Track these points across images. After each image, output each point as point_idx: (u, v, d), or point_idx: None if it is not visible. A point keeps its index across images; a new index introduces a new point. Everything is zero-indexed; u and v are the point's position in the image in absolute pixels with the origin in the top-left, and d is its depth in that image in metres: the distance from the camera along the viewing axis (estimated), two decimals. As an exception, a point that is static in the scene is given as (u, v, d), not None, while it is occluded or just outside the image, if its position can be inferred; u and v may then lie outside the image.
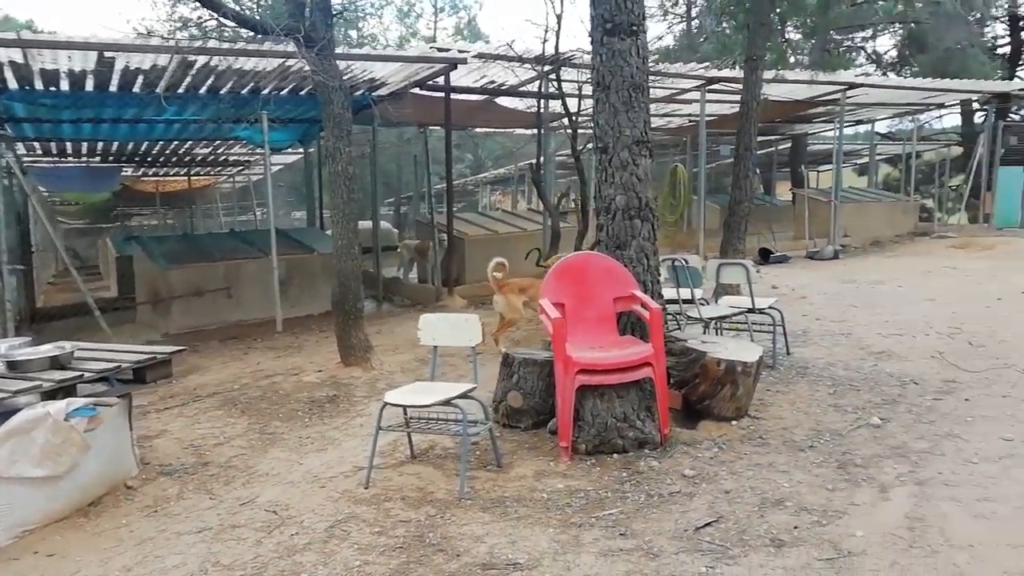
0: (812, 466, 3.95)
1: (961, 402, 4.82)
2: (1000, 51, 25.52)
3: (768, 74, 10.59)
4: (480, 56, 8.45)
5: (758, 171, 25.49)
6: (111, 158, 14.96)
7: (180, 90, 8.57)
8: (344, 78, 8.50)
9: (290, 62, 7.22)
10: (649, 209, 4.86)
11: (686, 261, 5.57)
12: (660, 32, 24.76)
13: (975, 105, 22.05)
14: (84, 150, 13.69)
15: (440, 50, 8.15)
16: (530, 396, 4.68)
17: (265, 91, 9.07)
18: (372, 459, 4.07)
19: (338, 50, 6.42)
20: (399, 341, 7.72)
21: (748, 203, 8.51)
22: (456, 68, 8.46)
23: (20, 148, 13.06)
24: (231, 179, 21.82)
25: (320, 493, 3.96)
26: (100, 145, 13.24)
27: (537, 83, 9.78)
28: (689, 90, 12.21)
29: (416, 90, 9.70)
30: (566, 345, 4.20)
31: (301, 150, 14.64)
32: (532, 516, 3.53)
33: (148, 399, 6.10)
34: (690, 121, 16.38)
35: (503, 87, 10.48)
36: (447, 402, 3.92)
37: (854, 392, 5.11)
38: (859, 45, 25.22)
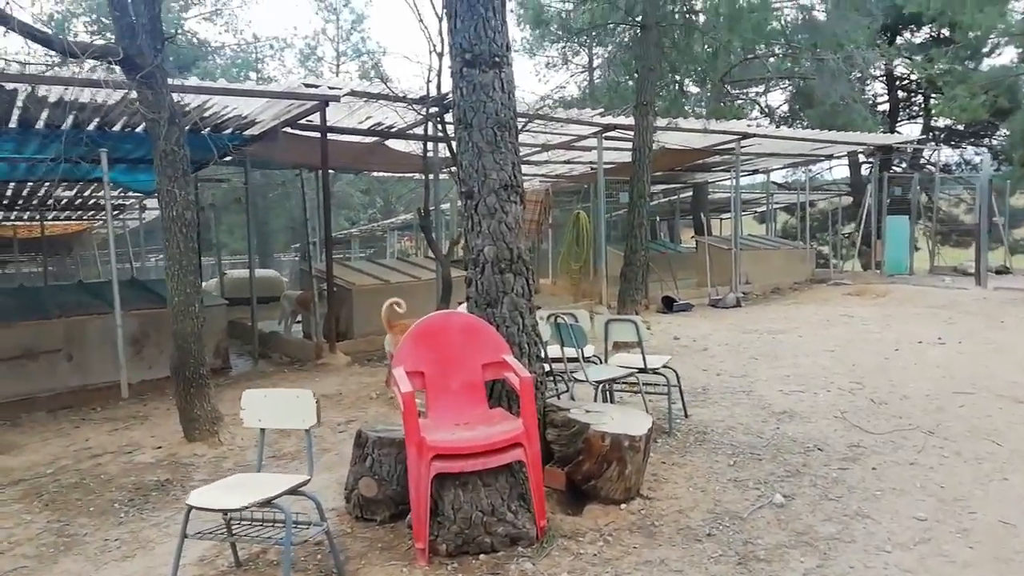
0: (709, 562, 3.37)
1: (868, 472, 4.38)
2: (880, 108, 27.09)
3: (662, 122, 10.45)
4: (355, 94, 7.82)
5: (658, 219, 25.89)
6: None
7: (12, 124, 7.53)
8: (206, 114, 7.71)
9: (134, 94, 6.36)
10: (522, 261, 4.28)
11: (574, 318, 5.01)
12: (562, 81, 24.96)
13: (861, 157, 23.17)
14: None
15: (309, 86, 7.46)
16: (387, 483, 3.93)
17: (117, 127, 8.13)
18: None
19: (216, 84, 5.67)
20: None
21: (644, 252, 8.15)
22: (328, 105, 7.78)
23: None
24: (118, 223, 20.22)
25: (98, 628, 3.08)
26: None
27: (423, 126, 9.22)
28: (587, 136, 11.96)
29: (293, 130, 8.96)
30: (421, 424, 3.51)
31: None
32: (364, 653, 2.77)
33: (-68, 491, 5.00)
34: (591, 168, 16.24)
35: (392, 129, 9.88)
36: (267, 503, 3.14)
37: (756, 462, 4.61)
38: (752, 99, 26.21)
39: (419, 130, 9.52)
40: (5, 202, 14.25)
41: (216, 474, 5.04)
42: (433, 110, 8.27)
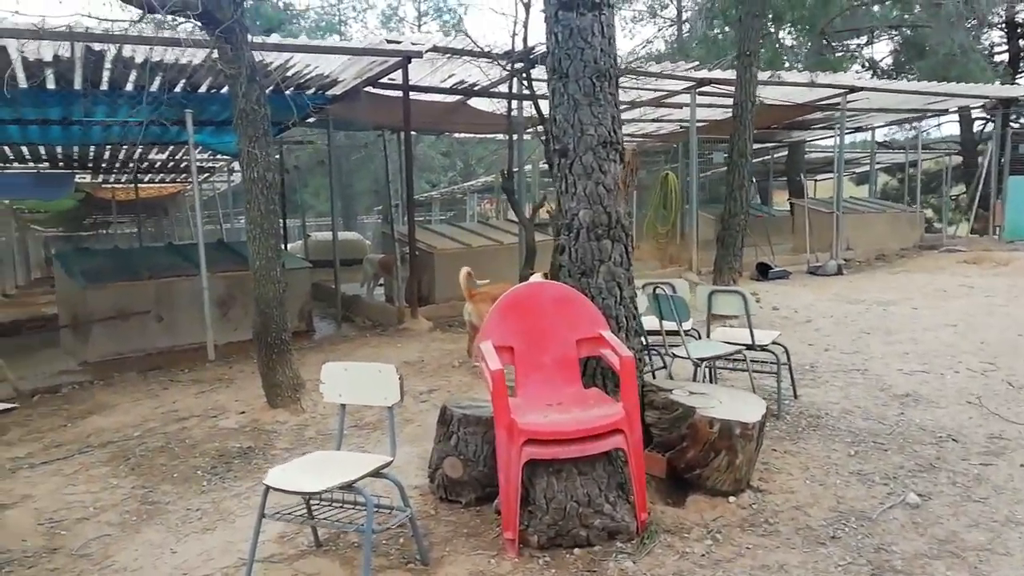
0: (837, 570, 2.96)
1: (1016, 469, 3.83)
2: (997, 58, 24.76)
3: (763, 75, 9.68)
4: (437, 50, 7.47)
5: (755, 180, 24.64)
6: (61, 163, 13.91)
7: (103, 87, 7.57)
8: (288, 73, 7.55)
9: (216, 53, 6.22)
10: (621, 226, 3.87)
11: (672, 288, 4.58)
12: (649, 35, 23.83)
13: (974, 113, 21.27)
14: (27, 155, 12.65)
15: (391, 42, 7.16)
16: (473, 463, 3.67)
17: (203, 88, 8.08)
18: (252, 559, 3.05)
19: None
20: (345, 373, 6.71)
21: (744, 216, 7.57)
22: (411, 62, 7.47)
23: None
24: (207, 186, 20.75)
25: (177, 608, 2.95)
26: (43, 150, 12.21)
27: (508, 83, 8.81)
28: (679, 92, 11.27)
29: (376, 90, 8.72)
30: (511, 405, 3.20)
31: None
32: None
33: (28, 449, 5.10)
34: (681, 127, 15.48)
35: (475, 87, 9.51)
36: (348, 486, 2.91)
37: (880, 452, 4.11)
38: (852, 52, 24.38)
39: (503, 88, 9.13)
40: (103, 165, 14.75)
41: (297, 443, 4.93)
42: (519, 65, 7.86)
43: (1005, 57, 24.69)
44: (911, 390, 5.22)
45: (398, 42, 7.14)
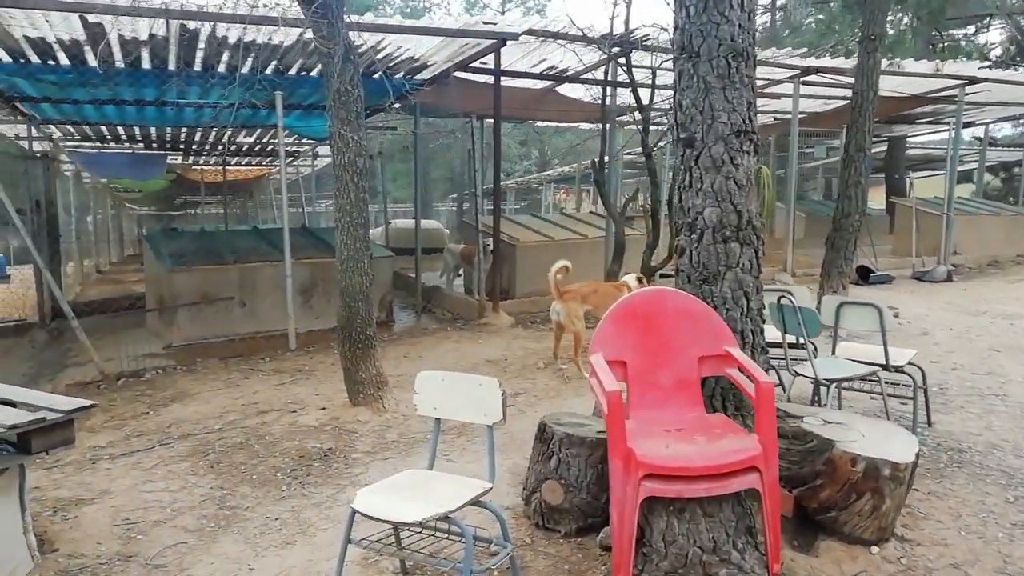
0: (1018, 654, 2.46)
1: None
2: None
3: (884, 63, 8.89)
4: (533, 32, 7.08)
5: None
6: (154, 144, 14.22)
7: (196, 68, 7.51)
8: (379, 55, 7.30)
9: (308, 34, 6.01)
10: (752, 227, 3.42)
11: (791, 296, 4.07)
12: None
13: None
14: (123, 135, 12.94)
15: (486, 23, 6.81)
16: (574, 490, 3.31)
17: (293, 70, 7.94)
18: (335, 587, 2.77)
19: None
20: (427, 368, 6.42)
21: (859, 216, 6.91)
22: (505, 44, 7.11)
23: (56, 132, 12.43)
24: (291, 170, 20.99)
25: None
26: (138, 131, 12.45)
27: (603, 69, 8.36)
28: (781, 81, 10.57)
29: (464, 75, 8.41)
30: (628, 432, 2.81)
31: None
32: None
33: (110, 437, 5.00)
34: (775, 119, 14.65)
35: (565, 73, 9.08)
36: (443, 518, 2.59)
37: (1046, 501, 3.54)
38: (960, 42, 22.68)
39: (596, 74, 8.68)
40: (194, 147, 15.00)
41: (379, 446, 4.68)
42: (615, 50, 7.40)
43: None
44: (1068, 424, 4.57)
45: (494, 23, 6.79)
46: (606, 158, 8.42)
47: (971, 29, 22.63)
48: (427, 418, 5.17)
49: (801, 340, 4.09)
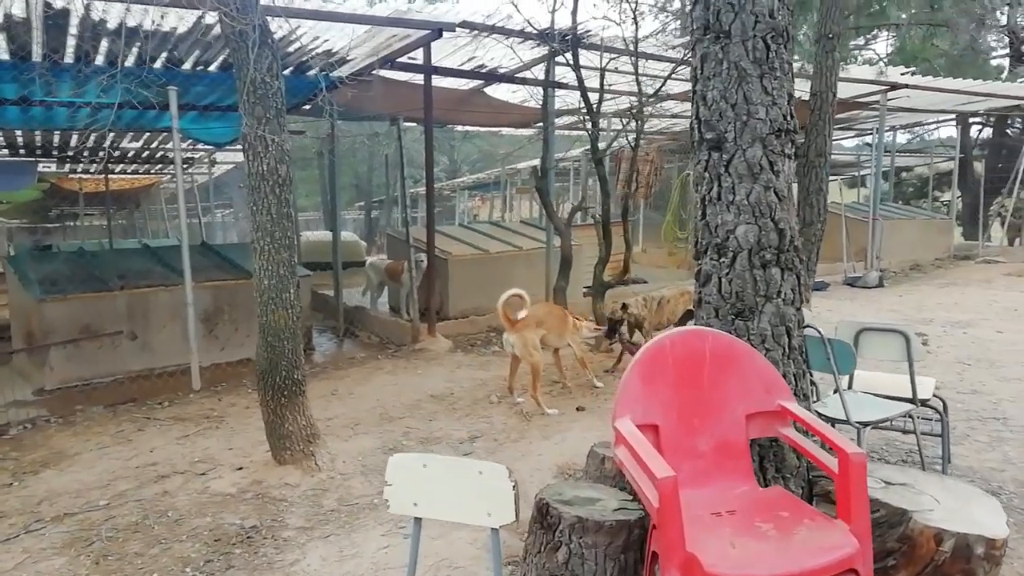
0: None
1: None
2: (994, 62, 24.19)
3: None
4: (467, 25, 6.33)
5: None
6: (21, 151, 12.51)
7: (68, 59, 6.32)
8: (289, 49, 6.36)
9: (208, 19, 5.03)
10: (795, 249, 2.79)
11: (818, 331, 3.48)
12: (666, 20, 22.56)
13: (971, 118, 20.58)
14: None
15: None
16: (591, 590, 2.56)
17: (187, 64, 6.85)
18: None
19: None
20: (362, 408, 5.56)
21: (821, 224, 6.51)
22: (441, 36, 6.31)
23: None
24: (186, 178, 19.25)
25: None
26: (1, 135, 10.83)
27: (543, 67, 7.69)
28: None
29: (385, 73, 7.55)
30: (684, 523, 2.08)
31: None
32: None
33: (-41, 524, 3.87)
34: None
35: (498, 71, 8.35)
36: None
37: (1118, 558, 3.06)
38: (853, 52, 23.53)
39: (535, 74, 7.99)
40: (69, 153, 13.35)
41: (315, 518, 3.78)
42: (559, 45, 6.74)
43: (1005, 61, 24.17)
44: (1085, 451, 4.20)
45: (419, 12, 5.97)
46: (548, 166, 7.74)
47: (861, 40, 23.56)
48: (372, 472, 4.37)
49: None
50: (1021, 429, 4.57)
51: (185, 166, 15.99)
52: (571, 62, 6.52)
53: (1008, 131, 22.42)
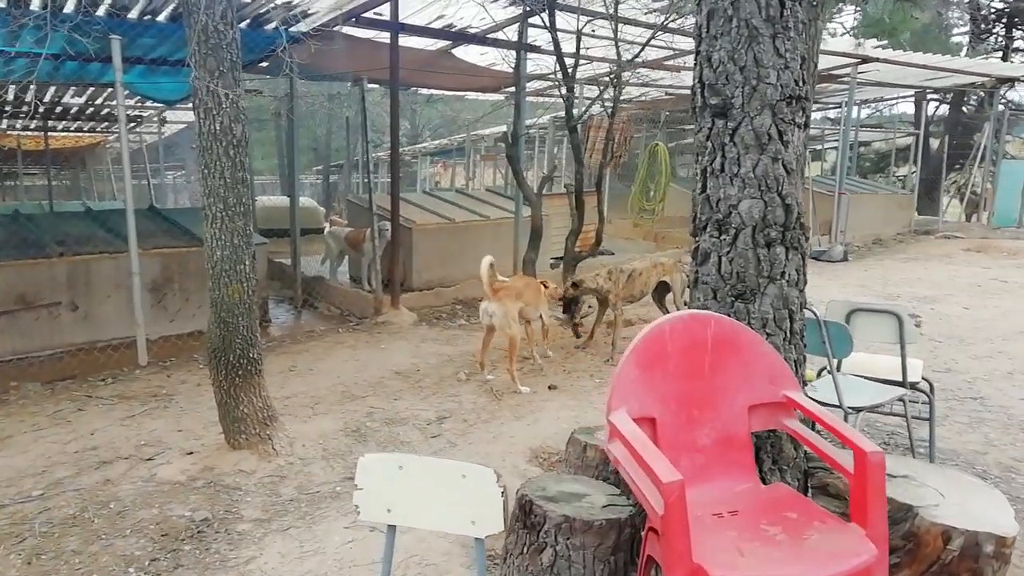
0: None
1: None
2: (956, 38, 24.46)
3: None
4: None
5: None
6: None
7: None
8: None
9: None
10: (800, 226, 2.58)
11: (814, 313, 3.31)
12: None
13: (929, 94, 20.86)
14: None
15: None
16: (579, 594, 2.36)
17: (133, 13, 6.33)
18: None
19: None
20: (322, 386, 5.27)
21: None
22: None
23: None
24: (134, 137, 18.27)
25: None
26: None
27: (516, 29, 7.34)
28: (689, 52, 9.97)
29: (348, 30, 7.12)
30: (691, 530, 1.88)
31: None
32: None
33: None
34: (668, 94, 14.22)
35: (468, 32, 7.97)
36: None
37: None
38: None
39: (508, 35, 7.63)
40: (5, 109, 12.53)
41: (273, 508, 3.52)
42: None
43: (964, 39, 24.46)
44: (1065, 434, 4.15)
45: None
46: (520, 132, 7.43)
47: (825, 14, 23.55)
48: (334, 456, 4.11)
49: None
50: (999, 409, 4.52)
51: (132, 124, 15.20)
52: (546, 23, 6.19)
53: (964, 108, 22.80)
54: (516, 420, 4.57)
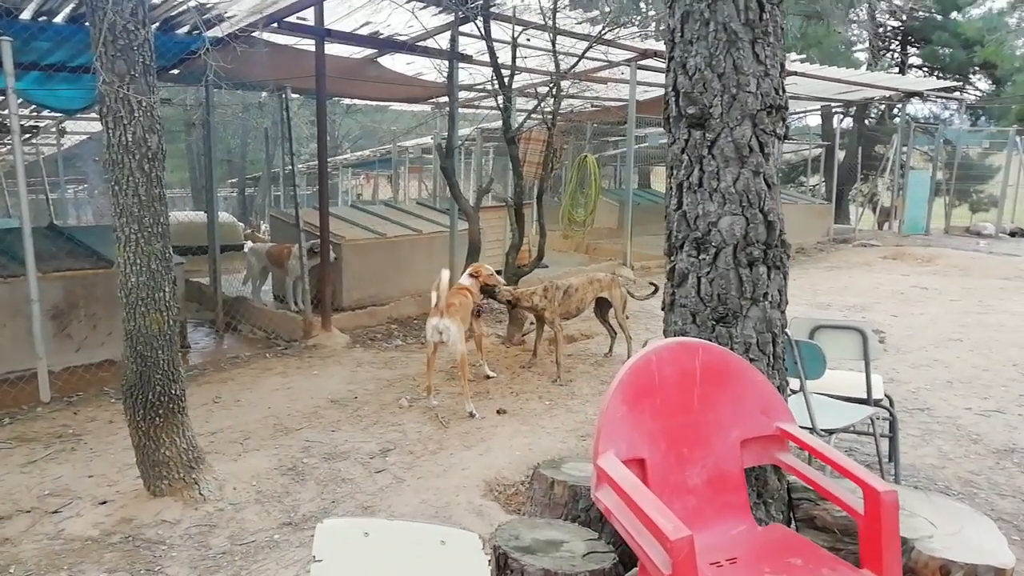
0: None
1: None
2: (857, 54, 25.76)
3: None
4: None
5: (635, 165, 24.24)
6: None
7: None
8: (155, 0, 5.47)
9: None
10: (782, 244, 2.44)
11: (786, 332, 3.18)
12: None
13: (834, 107, 21.83)
14: None
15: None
16: (563, 657, 2.11)
17: (26, 13, 5.77)
18: None
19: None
20: (251, 419, 4.85)
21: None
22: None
23: None
24: (30, 149, 16.97)
25: None
26: None
27: (448, 36, 7.10)
28: (618, 64, 9.98)
29: (271, 36, 6.73)
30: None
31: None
32: None
33: None
34: (591, 106, 14.26)
35: (397, 39, 7.68)
36: None
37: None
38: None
39: (439, 44, 7.38)
40: None
41: (203, 562, 3.13)
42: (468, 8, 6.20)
43: (864, 55, 25.78)
44: (1010, 442, 4.19)
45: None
46: (454, 144, 7.17)
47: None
48: (267, 499, 3.74)
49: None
50: (946, 420, 4.55)
51: (27, 136, 14.13)
52: (481, 32, 5.97)
53: (866, 121, 23.96)
54: (466, 449, 4.29)
